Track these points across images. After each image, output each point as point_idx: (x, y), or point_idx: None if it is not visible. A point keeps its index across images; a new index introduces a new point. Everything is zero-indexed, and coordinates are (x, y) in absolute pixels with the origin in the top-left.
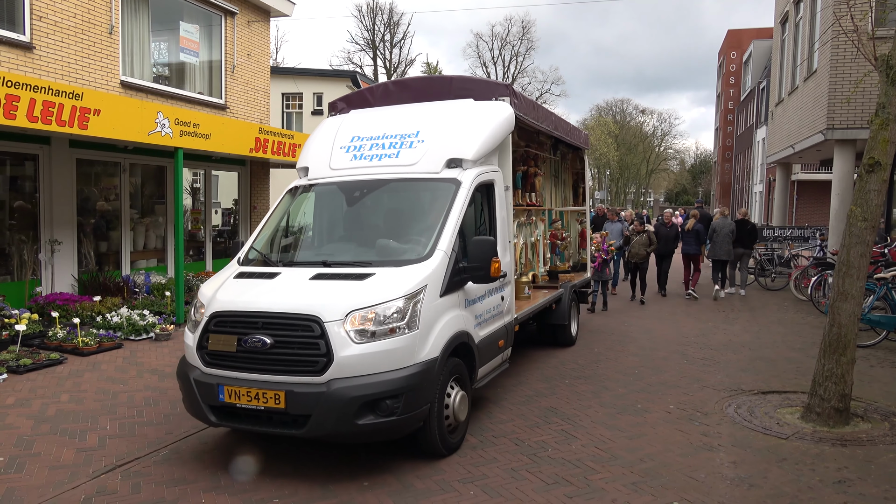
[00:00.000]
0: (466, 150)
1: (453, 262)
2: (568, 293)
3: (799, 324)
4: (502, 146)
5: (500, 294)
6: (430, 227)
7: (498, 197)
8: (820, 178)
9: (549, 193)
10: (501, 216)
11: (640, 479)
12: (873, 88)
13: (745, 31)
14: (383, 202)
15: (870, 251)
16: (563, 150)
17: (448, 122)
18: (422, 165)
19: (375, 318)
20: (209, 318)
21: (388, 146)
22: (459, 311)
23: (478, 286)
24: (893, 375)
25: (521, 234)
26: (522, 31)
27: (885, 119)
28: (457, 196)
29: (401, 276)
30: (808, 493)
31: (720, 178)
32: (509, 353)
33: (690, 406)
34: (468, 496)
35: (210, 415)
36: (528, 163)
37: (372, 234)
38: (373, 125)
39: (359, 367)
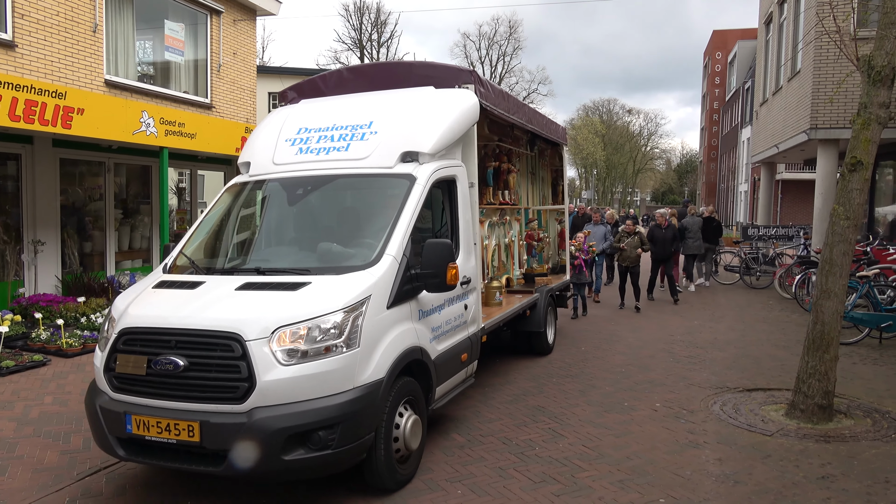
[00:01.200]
0: (423, 143)
1: (404, 269)
2: (544, 298)
3: (783, 322)
4: (466, 139)
5: (464, 302)
6: (379, 229)
7: (461, 194)
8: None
9: (525, 191)
10: (465, 216)
11: (627, 477)
12: (855, 89)
13: (730, 32)
14: (329, 201)
15: (852, 249)
16: (541, 146)
17: (404, 111)
18: (373, 159)
19: (308, 335)
20: (117, 336)
21: (338, 138)
22: (411, 323)
23: (434, 295)
24: (875, 372)
25: (494, 234)
26: (510, 31)
27: (867, 119)
28: (411, 193)
29: (340, 285)
30: (792, 489)
31: (706, 178)
32: (475, 368)
33: (677, 404)
34: (455, 495)
35: (118, 448)
36: (501, 158)
37: (314, 236)
38: (322, 116)
39: (286, 393)
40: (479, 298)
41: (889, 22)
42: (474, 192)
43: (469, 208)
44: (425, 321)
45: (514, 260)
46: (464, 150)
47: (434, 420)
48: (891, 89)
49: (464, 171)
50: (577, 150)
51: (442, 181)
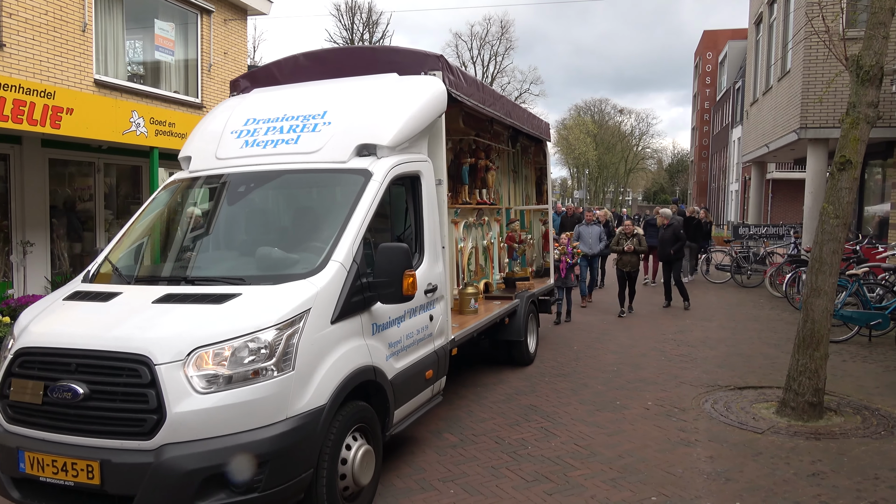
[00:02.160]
0: (382, 134)
1: (354, 277)
2: (524, 304)
3: (774, 320)
4: (433, 131)
5: (428, 313)
6: (327, 232)
7: (426, 192)
8: (794, 176)
9: (506, 190)
10: (431, 216)
11: (619, 475)
12: (844, 88)
13: (720, 32)
14: (273, 200)
15: (842, 248)
16: (525, 143)
17: (362, 100)
18: (325, 153)
19: (232, 357)
20: (13, 357)
21: (288, 130)
22: (363, 339)
23: (392, 306)
24: (865, 370)
25: (470, 236)
26: (501, 31)
27: (856, 118)
28: (365, 191)
29: (275, 297)
30: (783, 487)
31: (697, 177)
32: (443, 384)
33: (668, 402)
34: (448, 494)
35: (11, 489)
36: (478, 155)
37: (254, 240)
38: (273, 105)
39: (204, 427)
40: (447, 308)
41: (877, 22)
42: (442, 189)
43: (436, 208)
44: (381, 336)
45: (493, 263)
46: (430, 144)
47: (426, 420)
48: (879, 89)
49: (430, 167)
50: (568, 149)
51: (404, 177)
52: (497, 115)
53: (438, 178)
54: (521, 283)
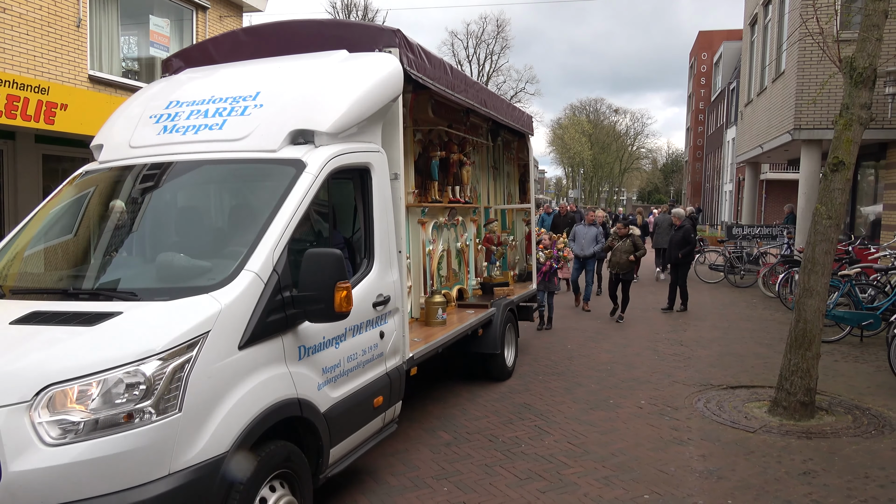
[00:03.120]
0: (320, 119)
1: (273, 290)
2: (501, 313)
3: (767, 320)
4: (388, 118)
5: (378, 329)
6: (244, 236)
7: (378, 188)
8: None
9: (485, 188)
10: (384, 216)
11: (612, 474)
12: (838, 90)
13: (715, 33)
14: (186, 196)
15: (834, 248)
16: (507, 137)
17: (302, 79)
18: (252, 140)
19: (97, 398)
20: None
21: (213, 114)
22: (284, 367)
23: (325, 325)
24: (856, 370)
25: (441, 238)
26: (497, 30)
27: (849, 119)
28: (296, 185)
29: (164, 316)
30: (774, 485)
31: (691, 178)
32: (398, 410)
33: (661, 401)
34: (442, 492)
35: None
36: (450, 148)
37: (158, 244)
38: (201, 87)
39: (53, 490)
40: (404, 321)
41: (871, 24)
42: (399, 185)
43: (391, 206)
44: (311, 361)
45: (468, 267)
46: (385, 133)
47: (420, 418)
48: (872, 90)
49: (383, 159)
50: (564, 149)
51: (349, 170)
52: (469, 104)
53: (394, 171)
54: (499, 288)
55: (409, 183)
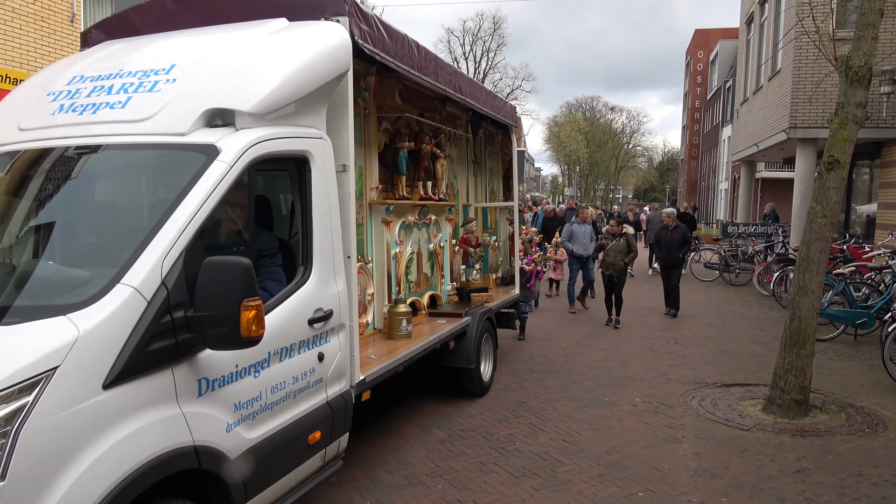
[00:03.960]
0: (243, 97)
1: (160, 310)
2: (476, 323)
3: (761, 318)
4: (335, 100)
5: (317, 350)
6: (129, 240)
7: (318, 182)
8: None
9: (464, 184)
10: (326, 215)
11: (606, 471)
12: (834, 89)
13: (711, 31)
14: (70, 189)
15: (829, 247)
16: (490, 130)
17: (227, 51)
18: (159, 121)
19: None
20: None
21: (118, 90)
22: (175, 408)
23: (235, 352)
24: (850, 368)
25: (409, 239)
26: (494, 27)
27: (844, 118)
28: (203, 177)
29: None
30: (768, 483)
31: (687, 176)
32: (344, 445)
33: (656, 399)
34: (436, 490)
35: None
36: (422, 139)
37: (26, 250)
38: (112, 60)
39: None
40: (352, 340)
41: (867, 23)
42: (348, 178)
43: (336, 203)
44: (217, 396)
45: (442, 271)
46: (331, 117)
47: (415, 415)
48: (868, 89)
49: (326, 147)
50: (560, 147)
51: (280, 159)
52: (441, 88)
53: (343, 162)
54: (477, 294)
55: (373, 177)
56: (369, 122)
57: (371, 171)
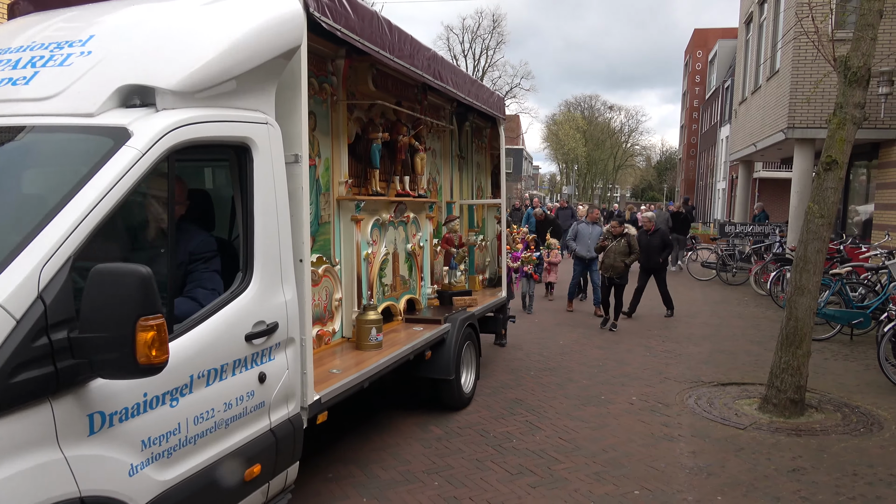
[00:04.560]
0: (166, 72)
1: (32, 331)
2: (457, 331)
3: (758, 318)
4: (285, 80)
5: (256, 370)
6: (2, 242)
7: (261, 173)
8: (780, 175)
9: (447, 180)
10: (269, 213)
11: (603, 469)
12: (832, 89)
13: (710, 31)
14: None
15: (826, 247)
16: (478, 123)
17: (155, 21)
18: (64, 99)
19: None
20: None
21: (25, 64)
22: (52, 452)
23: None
24: (846, 368)
25: (384, 239)
26: (493, 25)
27: (843, 119)
28: (106, 166)
29: None
30: (763, 482)
31: (685, 175)
32: (292, 476)
33: (652, 397)
34: (432, 486)
35: None
36: (399, 130)
37: None
38: (24, 32)
39: None
40: (303, 357)
41: (865, 23)
42: (300, 169)
43: (284, 198)
44: (117, 434)
45: (421, 273)
46: (281, 100)
47: (412, 412)
48: (866, 90)
49: (272, 134)
50: (558, 145)
51: (214, 146)
52: (416, 73)
53: (294, 152)
54: (459, 298)
55: (342, 170)
56: (337, 109)
57: (340, 163)
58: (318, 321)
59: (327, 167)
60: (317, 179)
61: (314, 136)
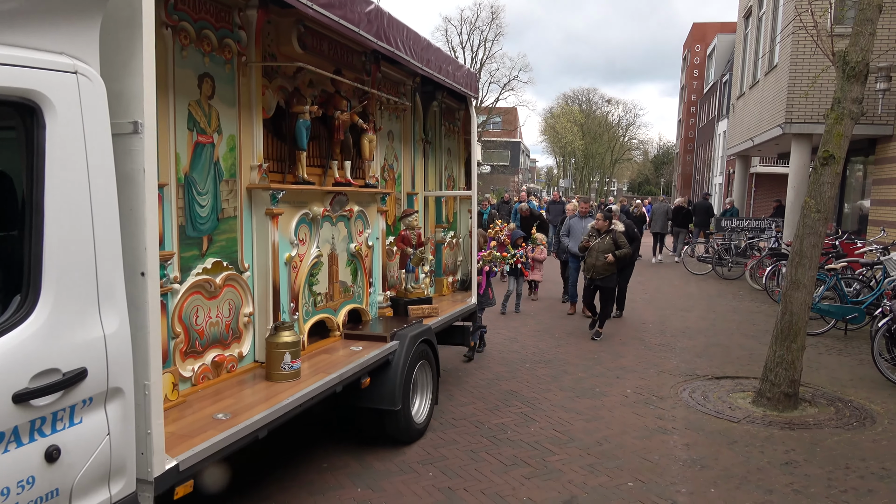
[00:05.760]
0: None
1: None
2: (406, 349)
3: (753, 312)
4: (115, 11)
5: (42, 445)
6: None
7: (57, 145)
8: (777, 171)
9: (408, 168)
10: (74, 204)
11: (597, 461)
12: (830, 84)
13: (709, 25)
14: None
15: (822, 242)
16: (449, 103)
17: None
18: None
19: None
20: None
21: None
22: None
23: None
24: (840, 362)
25: (316, 238)
26: (492, 16)
27: (840, 113)
28: None
29: None
30: (756, 474)
31: (682, 170)
32: None
33: (647, 390)
34: (427, 477)
35: None
36: (337, 104)
37: None
38: None
39: None
40: (145, 411)
41: (864, 18)
42: (140, 143)
43: (108, 185)
44: None
45: (370, 278)
46: (111, 41)
47: None
48: (864, 85)
49: (90, 90)
50: (555, 138)
51: None
52: (351, 29)
53: (134, 119)
54: (416, 307)
55: (254, 152)
56: (247, 74)
57: (252, 143)
58: (217, 343)
59: (232, 147)
60: (215, 162)
61: (210, 106)
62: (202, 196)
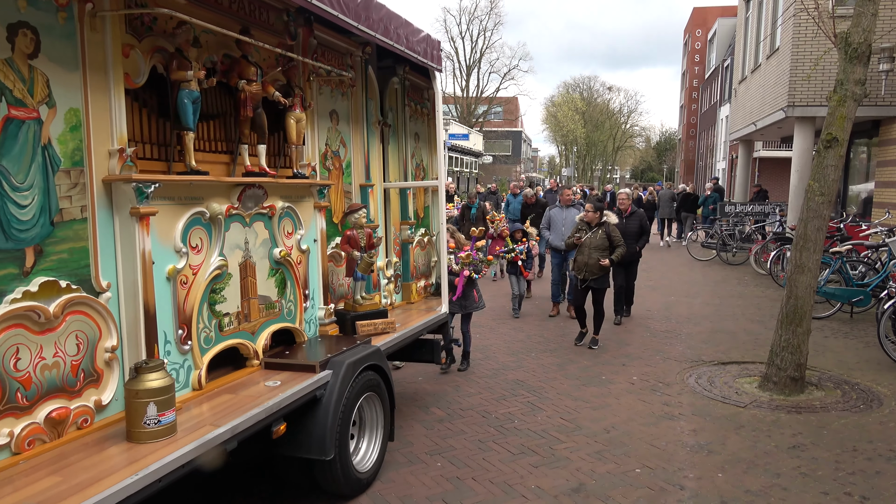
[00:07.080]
0: None
1: None
2: (341, 380)
3: (758, 297)
4: None
5: None
6: None
7: None
8: (780, 154)
9: (361, 155)
10: None
11: (604, 448)
12: (832, 66)
13: (710, 10)
14: None
15: (826, 225)
16: (413, 80)
17: None
18: None
19: None
20: None
21: None
22: None
23: None
24: (846, 345)
25: (219, 243)
26: (491, 6)
27: (843, 96)
28: None
29: None
30: (764, 459)
31: (684, 156)
32: None
33: (653, 377)
34: (435, 467)
35: None
36: (241, 71)
37: None
38: None
39: None
40: None
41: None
42: None
43: None
44: None
45: (305, 290)
46: None
47: (414, 395)
48: (867, 66)
49: None
50: (557, 127)
51: None
52: None
53: None
54: (366, 323)
55: (115, 131)
56: (98, 27)
57: (110, 119)
58: (57, 393)
59: (74, 125)
60: (44, 146)
61: (32, 68)
62: (20, 192)
